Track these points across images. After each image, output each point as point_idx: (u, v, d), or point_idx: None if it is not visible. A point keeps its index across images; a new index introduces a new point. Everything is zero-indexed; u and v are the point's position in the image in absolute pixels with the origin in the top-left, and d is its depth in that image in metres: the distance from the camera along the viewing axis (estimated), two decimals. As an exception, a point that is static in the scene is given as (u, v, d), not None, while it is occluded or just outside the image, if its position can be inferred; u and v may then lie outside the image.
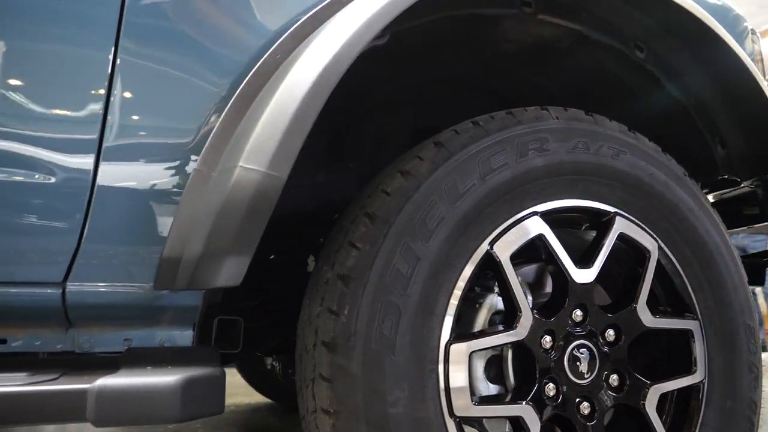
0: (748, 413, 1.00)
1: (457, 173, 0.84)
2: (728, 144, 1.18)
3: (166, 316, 0.83)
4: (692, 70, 1.11)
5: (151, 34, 0.80)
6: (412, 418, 0.77)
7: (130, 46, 0.77)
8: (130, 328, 0.83)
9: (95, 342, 0.83)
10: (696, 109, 1.16)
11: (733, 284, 1.02)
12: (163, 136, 0.79)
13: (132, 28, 0.78)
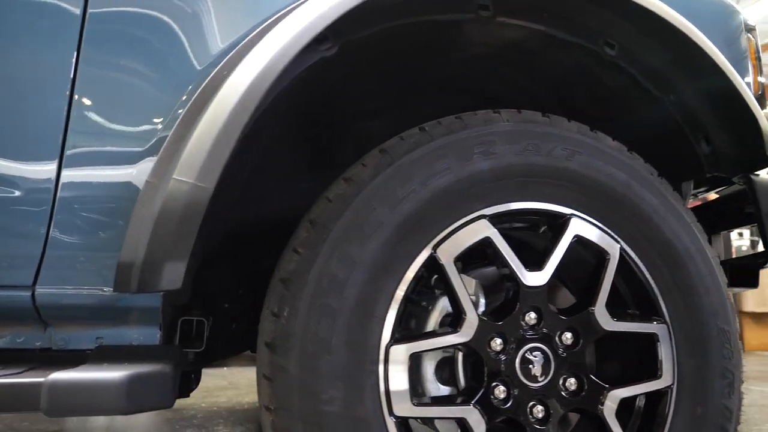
0: (721, 421, 0.96)
1: (397, 179, 0.87)
2: (713, 141, 1.13)
3: (131, 316, 0.90)
4: (668, 67, 1.08)
5: (110, 52, 0.87)
6: (349, 417, 0.80)
7: (88, 65, 0.85)
8: (101, 327, 0.91)
9: (70, 340, 0.91)
10: (676, 106, 1.13)
11: (704, 287, 0.99)
12: (120, 148, 0.86)
13: (91, 47, 0.85)
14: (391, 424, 0.82)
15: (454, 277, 0.88)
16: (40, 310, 0.85)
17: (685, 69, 1.06)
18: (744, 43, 1.25)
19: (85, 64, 0.85)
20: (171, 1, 0.91)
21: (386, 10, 0.95)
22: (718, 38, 1.24)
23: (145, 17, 0.90)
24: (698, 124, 1.13)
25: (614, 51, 1.09)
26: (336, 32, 0.93)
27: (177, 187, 0.75)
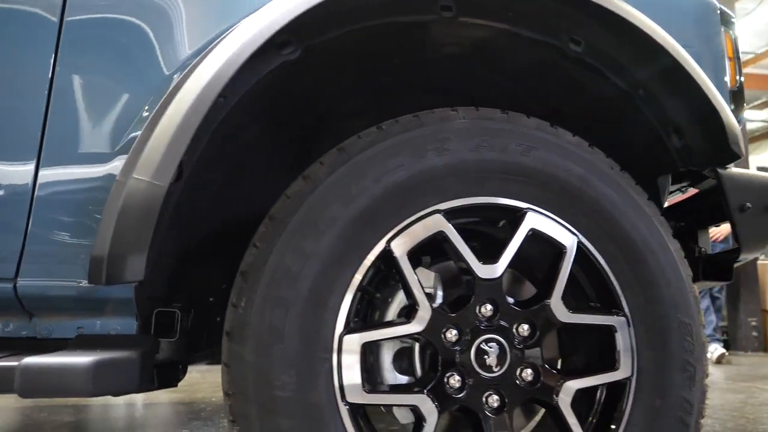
0: (680, 413, 0.97)
1: (351, 176, 0.91)
2: (684, 135, 1.13)
3: (108, 307, 0.97)
4: (632, 63, 1.09)
5: (85, 57, 0.94)
6: (302, 402, 0.84)
7: (64, 70, 0.91)
8: (81, 317, 0.98)
9: (53, 329, 0.98)
10: (644, 100, 1.13)
11: (665, 280, 1.00)
12: (94, 148, 0.92)
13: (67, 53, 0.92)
14: (344, 411, 0.86)
15: (407, 269, 0.91)
16: (23, 301, 0.92)
17: (647, 64, 1.06)
18: (721, 37, 1.24)
19: (62, 68, 0.91)
20: (142, 10, 0.97)
21: (345, 13, 0.98)
22: (692, 32, 1.24)
23: (117, 25, 0.96)
24: (668, 118, 1.13)
25: (580, 48, 1.10)
26: (298, 36, 0.98)
27: (136, 185, 0.80)
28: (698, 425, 0.99)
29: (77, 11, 0.94)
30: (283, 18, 0.86)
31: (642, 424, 0.96)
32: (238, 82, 0.92)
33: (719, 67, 1.24)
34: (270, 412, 0.84)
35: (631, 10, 0.99)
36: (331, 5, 0.92)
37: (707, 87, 1.01)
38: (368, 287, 0.95)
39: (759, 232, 1.10)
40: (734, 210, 1.08)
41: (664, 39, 0.99)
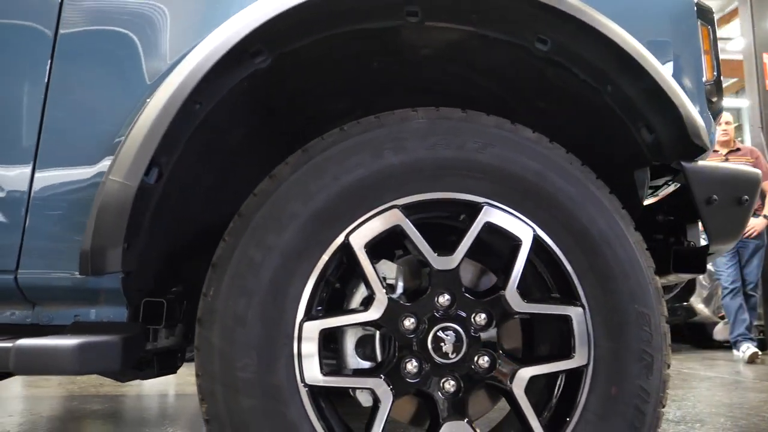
0: (637, 402, 0.99)
1: (311, 175, 0.97)
2: (654, 129, 1.15)
3: (100, 297, 1.06)
4: (596, 59, 1.11)
5: (76, 67, 1.03)
6: (263, 383, 0.92)
7: (58, 79, 1.02)
8: (78, 306, 1.08)
9: (53, 317, 1.08)
10: (612, 96, 1.15)
11: (623, 272, 1.02)
12: (84, 153, 1.02)
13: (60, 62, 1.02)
14: (304, 392, 0.93)
15: (364, 261, 0.97)
16: (24, 291, 1.03)
17: (608, 60, 1.08)
18: (696, 30, 1.25)
19: (55, 78, 1.02)
20: (129, 23, 1.06)
21: (312, 22, 1.05)
22: (666, 26, 1.25)
23: (106, 38, 1.05)
24: (637, 113, 1.14)
25: (547, 47, 1.13)
26: (268, 45, 1.05)
27: (111, 185, 0.90)
28: (657, 413, 1.00)
29: (70, 25, 1.04)
30: (244, 29, 0.94)
31: (597, 411, 0.99)
32: (208, 90, 1.00)
33: (694, 61, 1.24)
34: (233, 391, 0.91)
35: (583, 8, 1.02)
36: (295, 15, 0.99)
37: (663, 80, 1.03)
38: (330, 278, 1.01)
39: (727, 224, 1.11)
40: (701, 203, 1.09)
41: (616, 33, 1.02)
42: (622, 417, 0.99)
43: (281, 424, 0.91)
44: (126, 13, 1.07)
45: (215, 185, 1.27)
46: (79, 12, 1.05)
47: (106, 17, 1.07)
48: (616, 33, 1.02)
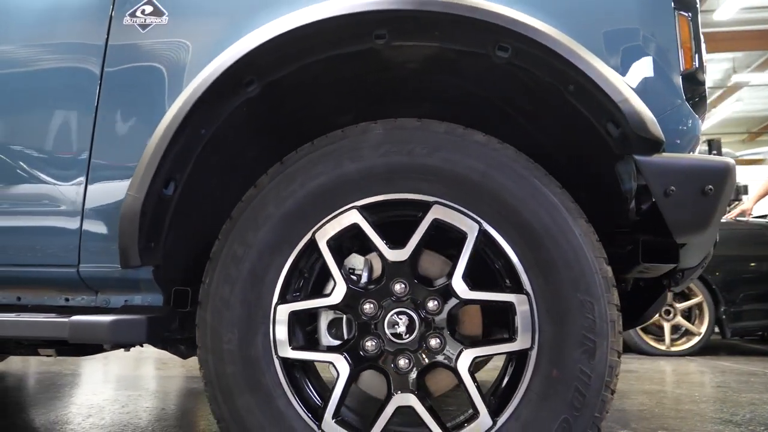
0: (577, 384, 1.05)
1: (283, 182, 1.17)
2: (621, 123, 1.18)
3: (140, 286, 1.34)
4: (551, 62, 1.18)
5: (118, 99, 1.31)
6: (243, 354, 1.13)
7: (104, 109, 1.31)
8: (127, 293, 1.37)
9: (110, 301, 1.38)
10: (575, 95, 1.20)
11: (565, 262, 1.08)
12: (118, 173, 1.30)
13: (106, 95, 1.31)
14: (277, 363, 1.13)
15: (326, 254, 1.14)
16: (85, 281, 1.34)
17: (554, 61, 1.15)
18: (672, 19, 1.25)
19: (102, 108, 1.31)
20: (153, 66, 1.32)
21: (290, 53, 1.24)
22: (637, 15, 1.26)
23: (138, 76, 1.32)
24: (602, 109, 1.19)
25: (508, 53, 1.22)
26: (257, 76, 1.26)
27: (127, 198, 1.16)
28: (601, 396, 1.05)
29: (112, 65, 1.33)
30: (223, 65, 1.15)
31: (539, 391, 1.07)
32: (207, 116, 1.23)
33: (669, 51, 1.24)
34: (220, 360, 1.13)
35: (507, 15, 1.10)
36: (271, 48, 1.19)
37: (599, 75, 1.08)
38: (303, 268, 1.19)
39: (690, 215, 1.12)
40: (657, 195, 1.11)
41: (544, 35, 1.09)
42: (562, 398, 1.05)
43: (258, 389, 1.12)
44: (156, 50, 1.33)
45: (232, 193, 1.50)
46: (120, 53, 1.33)
47: (141, 55, 1.34)
48: (544, 35, 1.09)
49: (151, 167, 1.14)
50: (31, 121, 1.34)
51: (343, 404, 1.13)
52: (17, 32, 1.36)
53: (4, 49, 1.35)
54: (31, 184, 1.34)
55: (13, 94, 1.34)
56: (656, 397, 2.59)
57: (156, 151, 1.15)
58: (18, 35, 1.36)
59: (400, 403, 1.10)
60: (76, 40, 1.34)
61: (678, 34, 1.25)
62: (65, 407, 2.29)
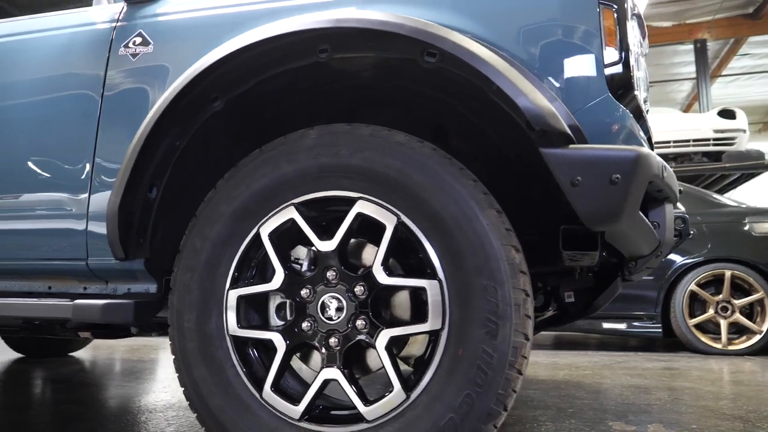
0: (479, 362, 1.14)
1: (233, 184, 1.35)
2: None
3: (137, 276, 1.58)
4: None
5: (115, 117, 1.56)
6: (200, 331, 1.32)
7: (103, 131, 1.56)
8: (129, 282, 1.61)
9: (117, 289, 1.64)
10: (497, 94, 1.28)
11: (471, 250, 1.17)
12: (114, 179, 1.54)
13: (105, 114, 1.56)
14: (228, 340, 1.30)
15: (268, 246, 1.31)
16: (94, 272, 1.60)
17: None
18: (593, 12, 1.28)
19: (102, 130, 1.56)
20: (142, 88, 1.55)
21: (238, 73, 1.41)
22: (557, 7, 1.30)
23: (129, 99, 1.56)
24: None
25: (435, 59, 1.32)
26: (222, 93, 1.45)
27: (110, 201, 1.39)
28: (505, 375, 1.13)
29: (110, 90, 1.57)
30: (179, 86, 1.35)
31: (447, 368, 1.16)
32: (178, 131, 1.44)
33: (592, 44, 1.28)
34: (182, 336, 1.33)
35: (403, 23, 1.21)
36: (221, 68, 1.37)
37: (496, 74, 1.15)
38: (252, 258, 1.36)
39: (598, 204, 1.16)
40: (565, 186, 1.17)
41: (440, 38, 1.18)
42: (465, 374, 1.14)
43: (211, 362, 1.30)
44: (144, 75, 1.57)
45: None
46: (115, 80, 1.58)
47: (132, 80, 1.58)
48: (440, 38, 1.19)
49: (125, 175, 1.37)
50: (48, 141, 1.62)
51: (282, 377, 1.28)
52: (34, 67, 1.66)
53: (27, 81, 1.64)
54: (53, 193, 1.61)
55: (34, 120, 1.63)
56: (679, 393, 2.50)
57: (128, 162, 1.37)
58: (35, 69, 1.65)
59: (327, 376, 1.24)
60: (82, 71, 1.61)
61: (602, 27, 1.29)
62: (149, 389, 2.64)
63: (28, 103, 1.64)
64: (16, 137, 1.66)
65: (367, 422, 1.19)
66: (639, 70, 1.43)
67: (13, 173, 1.64)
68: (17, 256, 1.65)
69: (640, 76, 1.46)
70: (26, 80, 1.65)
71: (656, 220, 1.43)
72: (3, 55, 1.70)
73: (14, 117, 1.66)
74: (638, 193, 1.18)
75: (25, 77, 1.66)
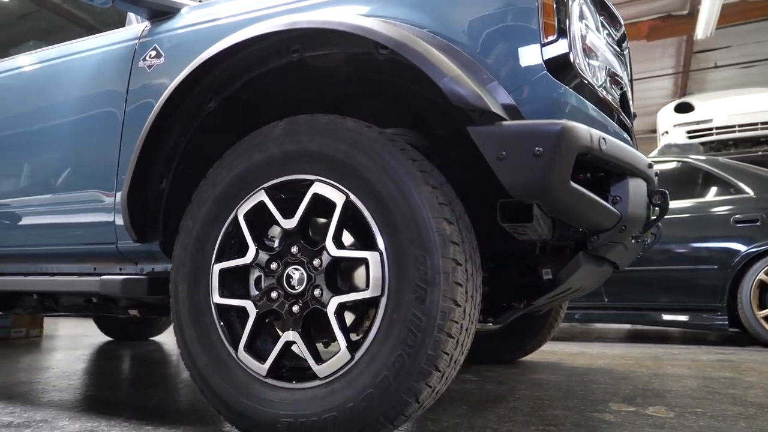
0: (410, 325, 1.24)
1: (217, 171, 1.55)
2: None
3: (156, 257, 1.84)
4: None
5: (134, 126, 1.83)
6: (191, 300, 1.53)
7: (126, 138, 1.84)
8: (151, 263, 1.88)
9: (144, 269, 1.91)
10: (427, 78, 1.36)
11: (404, 223, 1.27)
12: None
13: (128, 124, 1.84)
14: (213, 306, 1.50)
15: (243, 225, 1.49)
16: (124, 254, 1.88)
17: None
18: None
19: (125, 136, 1.84)
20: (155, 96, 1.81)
21: (223, 76, 1.61)
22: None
23: (145, 107, 1.83)
24: None
25: (387, 50, 1.44)
26: (215, 93, 1.67)
27: (122, 193, 1.65)
28: (434, 337, 1.22)
29: (131, 100, 1.85)
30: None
31: (384, 332, 1.28)
32: (178, 128, 1.67)
33: (529, 23, 1.34)
34: (178, 304, 1.55)
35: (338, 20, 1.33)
36: (206, 71, 1.58)
37: (420, 57, 1.25)
38: (234, 236, 1.55)
39: (523, 176, 1.22)
40: (491, 161, 1.24)
41: (373, 32, 1.30)
42: (398, 336, 1.25)
43: (199, 325, 1.51)
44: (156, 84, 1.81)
45: None
46: (135, 90, 1.85)
47: (147, 90, 1.84)
48: (372, 31, 1.30)
49: (132, 170, 1.62)
50: (87, 148, 1.93)
51: (255, 339, 1.46)
52: (75, 84, 1.97)
53: (70, 97, 1.97)
54: (91, 191, 1.92)
55: (76, 131, 1.95)
56: (713, 382, 2.39)
57: (133, 160, 1.62)
58: (75, 86, 1.97)
59: (288, 339, 1.39)
60: (110, 85, 1.91)
61: (539, 7, 1.34)
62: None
63: (70, 116, 1.96)
64: (66, 146, 1.99)
65: (320, 379, 1.34)
66: (594, 52, 1.45)
67: (61, 176, 1.97)
68: (68, 242, 1.98)
69: (596, 58, 1.48)
70: (69, 96, 1.98)
71: (617, 194, 1.45)
72: (51, 75, 2.05)
73: (60, 128, 1.99)
74: (564, 164, 1.22)
75: (69, 94, 1.98)
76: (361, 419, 1.27)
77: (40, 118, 2.07)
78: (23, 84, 2.21)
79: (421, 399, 1.25)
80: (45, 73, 2.13)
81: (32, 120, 2.09)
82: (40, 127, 2.07)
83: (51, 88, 2.05)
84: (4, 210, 2.13)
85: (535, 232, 1.36)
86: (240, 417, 1.40)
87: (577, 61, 1.36)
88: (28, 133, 2.10)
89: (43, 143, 2.05)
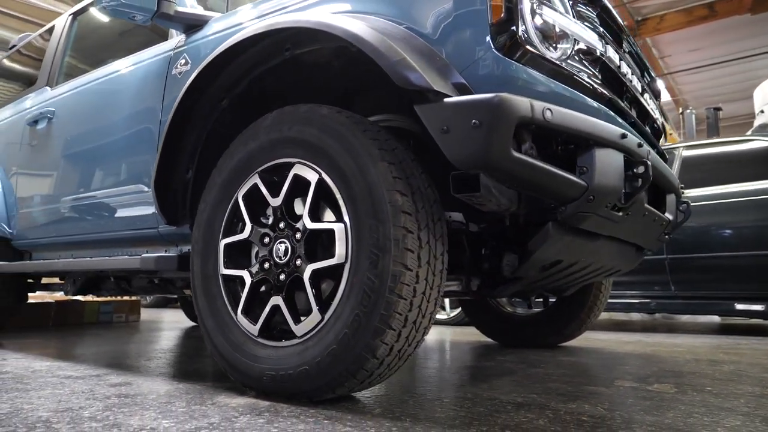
0: (365, 287, 1.37)
1: (224, 160, 1.77)
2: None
3: (188, 238, 2.12)
4: None
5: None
6: (202, 272, 1.77)
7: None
8: (185, 245, 2.16)
9: (183, 250, 2.20)
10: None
11: (363, 196, 1.41)
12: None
13: (162, 130, 2.13)
14: (220, 277, 1.73)
15: (241, 205, 1.70)
16: (165, 237, 2.18)
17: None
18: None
19: (161, 136, 2.13)
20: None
21: (228, 77, 1.84)
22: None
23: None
24: None
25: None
26: (227, 93, 1.91)
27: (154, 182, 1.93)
28: (386, 298, 1.34)
29: (166, 104, 2.14)
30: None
31: (347, 294, 1.42)
32: (198, 128, 1.92)
33: (475, 6, 1.41)
34: (193, 277, 1.80)
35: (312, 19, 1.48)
36: (212, 73, 1.82)
37: (368, 46, 1.38)
38: (238, 216, 1.76)
39: (461, 149, 1.31)
40: (436, 134, 1.34)
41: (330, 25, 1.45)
42: (356, 297, 1.39)
43: (208, 294, 1.74)
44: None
45: None
46: (169, 96, 2.14)
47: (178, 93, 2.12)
48: (333, 27, 1.45)
49: (157, 164, 1.90)
50: (136, 150, 2.26)
51: (251, 304, 1.66)
52: (123, 93, 2.31)
53: (119, 105, 2.31)
54: (137, 185, 2.25)
55: (127, 134, 2.28)
56: (739, 366, 2.25)
57: (158, 156, 1.90)
58: (124, 95, 2.31)
59: (274, 303, 1.58)
60: (151, 92, 2.22)
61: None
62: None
63: (125, 122, 2.30)
64: (121, 147, 2.33)
65: (298, 338, 1.51)
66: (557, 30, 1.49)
67: (118, 174, 2.32)
68: (125, 228, 2.32)
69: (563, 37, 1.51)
70: (123, 105, 2.33)
71: (583, 165, 1.47)
72: (106, 88, 2.41)
73: (114, 132, 2.34)
74: (501, 134, 1.28)
75: (122, 102, 2.33)
76: (328, 372, 1.42)
77: (104, 127, 2.45)
78: (92, 98, 2.61)
79: (379, 355, 1.38)
80: (103, 88, 2.52)
81: (96, 128, 2.48)
82: (103, 134, 2.44)
83: (110, 98, 2.42)
84: (82, 203, 2.53)
85: (492, 203, 1.43)
86: (236, 370, 1.61)
87: (529, 38, 1.41)
88: (97, 139, 2.49)
89: (106, 147, 2.42)
